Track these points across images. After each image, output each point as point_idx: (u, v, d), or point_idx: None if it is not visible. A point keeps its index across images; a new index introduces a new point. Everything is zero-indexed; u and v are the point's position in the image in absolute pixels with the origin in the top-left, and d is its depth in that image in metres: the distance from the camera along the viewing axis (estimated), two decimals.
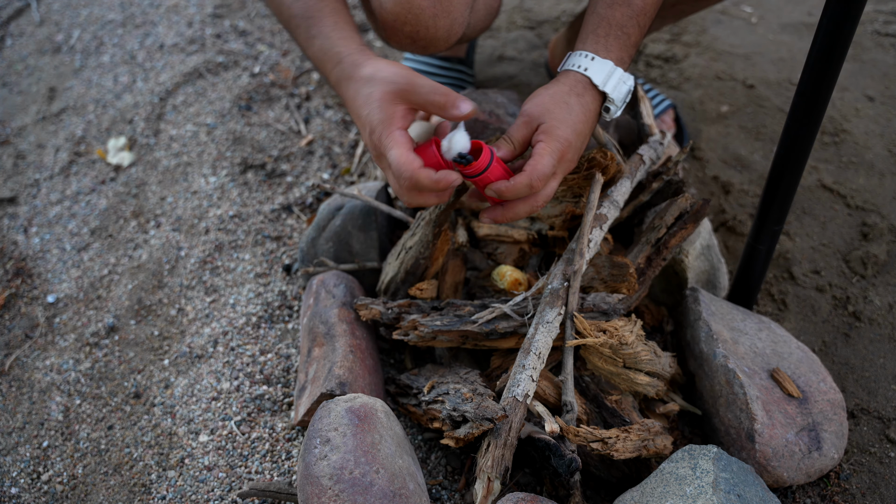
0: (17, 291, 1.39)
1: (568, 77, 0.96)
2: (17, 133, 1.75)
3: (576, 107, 0.94)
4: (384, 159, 0.89)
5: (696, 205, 1.09)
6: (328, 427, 0.91)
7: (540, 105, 0.94)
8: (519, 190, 0.89)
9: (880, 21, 1.86)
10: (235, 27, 1.95)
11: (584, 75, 0.96)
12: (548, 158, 0.90)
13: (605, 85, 0.96)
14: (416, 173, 0.85)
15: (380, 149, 0.89)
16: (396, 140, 0.87)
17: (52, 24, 2.09)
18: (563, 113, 0.93)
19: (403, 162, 0.85)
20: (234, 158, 1.57)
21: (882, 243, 1.33)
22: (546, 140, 0.91)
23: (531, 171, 0.89)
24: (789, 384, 1.01)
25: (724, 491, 0.85)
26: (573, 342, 0.96)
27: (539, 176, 0.89)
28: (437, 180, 0.86)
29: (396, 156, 0.86)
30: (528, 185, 0.89)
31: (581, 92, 0.95)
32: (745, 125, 1.59)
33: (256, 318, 1.26)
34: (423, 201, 0.90)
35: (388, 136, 0.87)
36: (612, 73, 0.96)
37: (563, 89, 0.95)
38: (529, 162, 0.90)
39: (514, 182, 0.89)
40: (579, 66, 0.96)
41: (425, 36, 1.02)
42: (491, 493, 0.89)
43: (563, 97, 0.94)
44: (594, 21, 0.99)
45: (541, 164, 0.89)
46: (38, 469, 1.10)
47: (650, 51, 1.81)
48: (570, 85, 0.95)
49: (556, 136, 0.91)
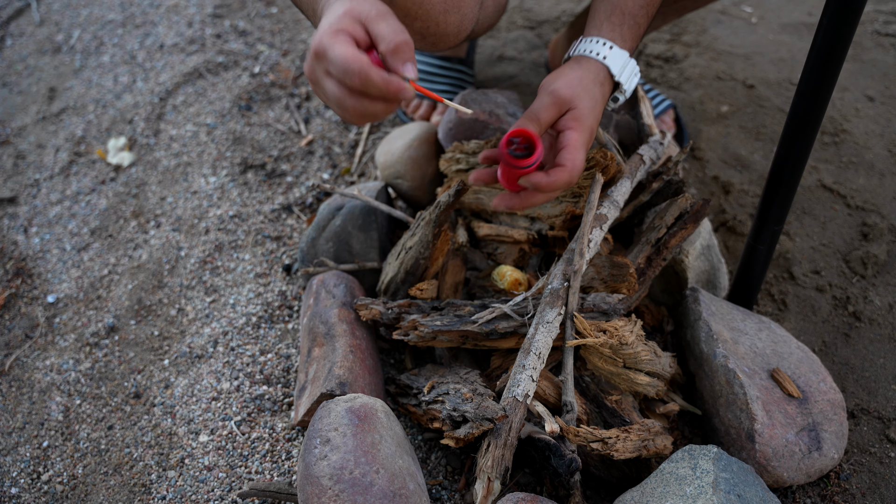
0: (17, 291, 1.39)
1: (590, 64, 0.95)
2: (17, 133, 1.75)
3: (598, 96, 0.94)
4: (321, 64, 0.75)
5: (696, 205, 1.09)
6: (328, 427, 0.91)
7: (570, 89, 0.92)
8: (559, 185, 0.89)
9: (880, 21, 1.86)
10: (235, 27, 1.95)
11: (603, 64, 0.95)
12: (582, 152, 0.90)
13: (620, 76, 0.95)
14: (367, 69, 0.72)
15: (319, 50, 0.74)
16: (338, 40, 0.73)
17: (52, 24, 2.09)
18: (590, 101, 0.92)
19: (351, 57, 0.72)
20: (234, 158, 1.57)
21: (882, 243, 1.33)
22: (578, 130, 0.90)
23: (572, 166, 0.88)
24: (789, 384, 1.01)
25: (724, 491, 0.85)
26: (573, 342, 0.96)
27: (579, 171, 0.89)
28: (389, 80, 0.73)
29: (342, 52, 0.72)
30: (569, 181, 0.89)
31: (602, 81, 0.95)
32: (745, 125, 1.59)
33: (256, 318, 1.26)
34: (368, 109, 0.76)
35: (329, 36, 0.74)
36: (627, 64, 0.96)
37: (588, 76, 0.94)
38: (566, 155, 0.89)
39: (554, 178, 0.88)
40: (598, 54, 0.95)
41: (435, 32, 1.01)
42: (491, 493, 0.89)
43: (590, 85, 0.93)
44: (607, 8, 0.98)
45: (579, 157, 0.89)
46: (38, 469, 1.10)
47: (650, 51, 1.81)
48: (594, 73, 0.94)
49: (585, 126, 0.91)
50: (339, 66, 0.72)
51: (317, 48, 0.75)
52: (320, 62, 0.75)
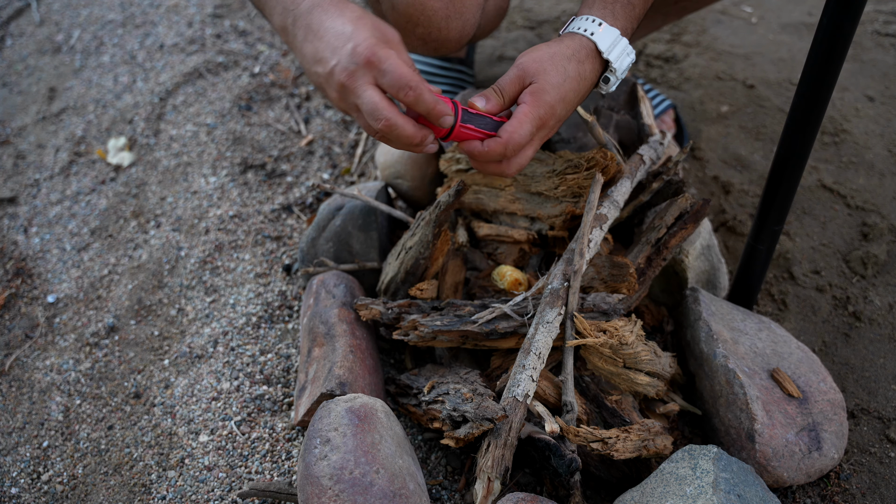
0: (17, 291, 1.39)
1: (573, 40, 0.92)
2: (17, 133, 1.75)
3: (572, 73, 0.90)
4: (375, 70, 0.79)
5: (696, 205, 1.09)
6: (328, 427, 0.91)
7: (537, 62, 0.89)
8: (492, 155, 0.87)
9: (880, 21, 1.86)
10: (235, 27, 1.95)
11: (590, 40, 0.92)
12: (527, 126, 0.87)
13: (609, 53, 0.92)
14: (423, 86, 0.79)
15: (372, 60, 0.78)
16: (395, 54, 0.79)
17: (52, 24, 2.09)
18: (557, 77, 0.89)
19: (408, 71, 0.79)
20: (234, 158, 1.57)
21: (882, 243, 1.33)
22: (531, 104, 0.88)
23: (507, 138, 0.86)
24: (789, 384, 1.01)
25: (724, 491, 0.85)
26: (573, 342, 0.96)
27: (515, 145, 0.86)
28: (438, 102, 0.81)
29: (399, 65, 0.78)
30: (502, 153, 0.87)
31: (583, 58, 0.92)
32: (745, 125, 1.59)
33: (256, 318, 1.26)
34: (400, 129, 0.82)
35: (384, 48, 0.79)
36: (618, 41, 0.93)
37: (565, 52, 0.91)
38: (507, 127, 0.87)
39: (487, 147, 0.87)
40: (586, 31, 0.92)
41: (437, 37, 1.01)
42: (491, 493, 0.89)
43: (563, 60, 0.90)
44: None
45: (518, 132, 0.86)
46: (38, 469, 1.10)
47: (650, 51, 1.81)
48: (573, 49, 0.91)
49: (542, 102, 0.88)
50: (394, 79, 0.77)
51: (371, 57, 0.78)
52: (369, 70, 0.78)
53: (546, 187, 1.12)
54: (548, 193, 1.12)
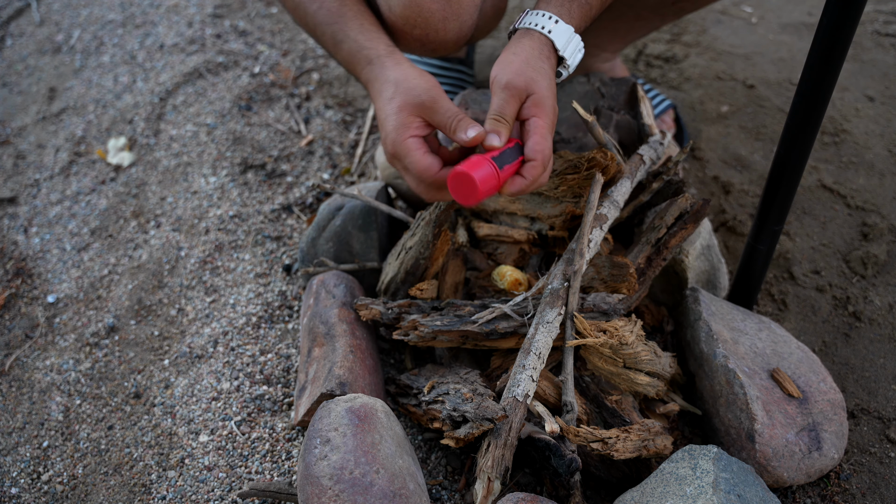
0: (17, 291, 1.39)
1: (532, 38, 0.95)
2: (17, 133, 1.75)
3: (549, 72, 0.94)
4: (399, 163, 0.93)
5: (696, 205, 1.09)
6: (328, 427, 0.91)
7: (521, 75, 0.91)
8: (537, 182, 0.92)
9: (880, 21, 1.86)
10: (235, 27, 1.95)
11: (548, 38, 0.95)
12: (549, 137, 0.91)
13: (564, 50, 0.95)
14: (440, 177, 0.89)
15: (396, 154, 0.92)
16: (410, 147, 0.90)
17: (52, 24, 2.09)
18: (544, 80, 0.92)
19: (426, 166, 0.89)
20: (234, 158, 1.57)
21: (882, 243, 1.33)
22: (540, 115, 0.91)
23: (542, 158, 0.90)
24: (789, 384, 1.01)
25: (724, 491, 0.85)
26: (573, 342, 0.96)
27: (547, 159, 0.91)
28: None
29: (417, 161, 0.89)
30: (542, 172, 0.91)
31: (548, 55, 0.95)
32: (745, 125, 1.59)
33: (256, 318, 1.26)
34: (439, 196, 0.94)
35: (402, 143, 0.90)
36: (571, 39, 0.96)
37: (534, 53, 0.94)
38: (534, 147, 0.90)
39: (530, 177, 0.90)
40: (542, 28, 0.95)
41: (435, 39, 1.02)
42: (491, 493, 0.89)
43: (537, 63, 0.93)
44: None
45: (547, 146, 0.90)
46: (38, 469, 1.10)
47: (650, 51, 1.81)
48: (538, 48, 0.94)
49: (548, 109, 0.92)
50: (415, 172, 0.90)
51: (393, 152, 0.91)
52: (397, 161, 0.92)
53: (546, 187, 1.12)
54: (548, 193, 1.12)
